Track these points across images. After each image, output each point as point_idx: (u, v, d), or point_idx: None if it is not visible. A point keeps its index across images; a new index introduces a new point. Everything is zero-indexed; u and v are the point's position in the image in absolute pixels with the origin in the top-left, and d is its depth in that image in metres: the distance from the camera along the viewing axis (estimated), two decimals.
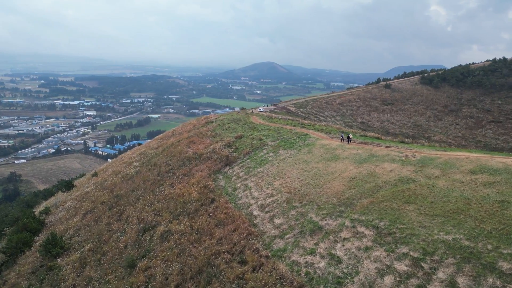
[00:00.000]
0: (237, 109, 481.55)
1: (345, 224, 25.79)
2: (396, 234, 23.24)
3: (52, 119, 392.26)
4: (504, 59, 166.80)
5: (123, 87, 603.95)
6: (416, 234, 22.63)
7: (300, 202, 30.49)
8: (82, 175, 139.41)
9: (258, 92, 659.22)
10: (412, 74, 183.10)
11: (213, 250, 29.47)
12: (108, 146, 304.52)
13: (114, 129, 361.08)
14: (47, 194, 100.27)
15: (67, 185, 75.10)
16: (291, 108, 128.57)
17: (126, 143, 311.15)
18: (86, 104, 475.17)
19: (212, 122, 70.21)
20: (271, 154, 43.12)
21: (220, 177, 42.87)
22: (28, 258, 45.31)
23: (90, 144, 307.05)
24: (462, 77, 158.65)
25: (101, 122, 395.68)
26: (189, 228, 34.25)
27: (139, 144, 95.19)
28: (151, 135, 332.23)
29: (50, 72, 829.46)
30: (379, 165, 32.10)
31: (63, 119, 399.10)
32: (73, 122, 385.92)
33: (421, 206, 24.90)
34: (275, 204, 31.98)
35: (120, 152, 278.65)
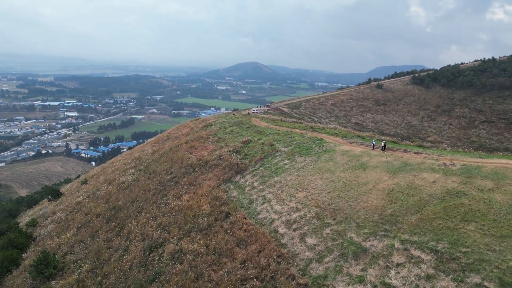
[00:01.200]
0: (223, 109, 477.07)
1: (395, 246, 22.61)
2: (461, 259, 20.16)
3: (31, 121, 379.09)
4: (493, 59, 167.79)
5: (105, 88, 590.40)
6: (486, 260, 19.61)
7: (334, 219, 27.19)
8: (68, 181, 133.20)
9: (243, 92, 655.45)
10: (403, 74, 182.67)
11: (238, 275, 25.92)
12: (92, 148, 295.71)
13: (97, 130, 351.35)
14: (31, 201, 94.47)
15: (55, 193, 70.11)
16: (285, 109, 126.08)
17: (110, 145, 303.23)
18: (67, 105, 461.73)
19: (211, 125, 66.39)
20: (286, 161, 39.73)
21: (232, 187, 39.24)
22: (17, 279, 40.76)
23: (73, 146, 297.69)
24: (452, 77, 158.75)
25: (83, 124, 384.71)
26: (205, 247, 30.54)
27: (130, 148, 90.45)
28: (135, 136, 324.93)
29: (29, 72, 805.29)
30: (418, 175, 29.08)
31: (43, 120, 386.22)
32: (53, 123, 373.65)
33: (483, 225, 21.93)
34: (303, 220, 28.60)
35: (104, 155, 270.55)
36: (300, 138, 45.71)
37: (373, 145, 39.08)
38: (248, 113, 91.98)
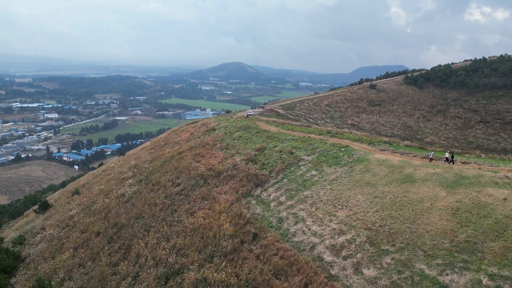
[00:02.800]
0: (208, 110, 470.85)
1: (483, 282, 18.81)
2: None
3: (9, 123, 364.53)
4: (484, 59, 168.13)
5: (86, 88, 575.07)
6: None
7: (392, 245, 23.27)
8: (52, 188, 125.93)
9: (228, 92, 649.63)
10: (394, 74, 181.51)
11: None
12: (74, 151, 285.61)
13: (79, 133, 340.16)
14: (15, 212, 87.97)
15: (42, 205, 64.22)
16: (279, 110, 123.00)
17: (93, 147, 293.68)
18: (46, 106, 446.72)
19: (214, 129, 61.80)
20: (313, 172, 35.68)
21: (253, 202, 34.96)
22: None
23: (54, 149, 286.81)
24: (445, 77, 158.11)
25: (65, 126, 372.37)
26: (234, 277, 26.20)
27: (122, 154, 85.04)
28: (120, 138, 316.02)
29: (5, 73, 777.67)
30: (481, 190, 25.46)
31: (21, 123, 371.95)
32: (33, 126, 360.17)
33: None
34: (353, 245, 24.60)
35: (88, 158, 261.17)
36: (321, 145, 41.75)
37: (431, 157, 33.90)
38: (247, 115, 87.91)
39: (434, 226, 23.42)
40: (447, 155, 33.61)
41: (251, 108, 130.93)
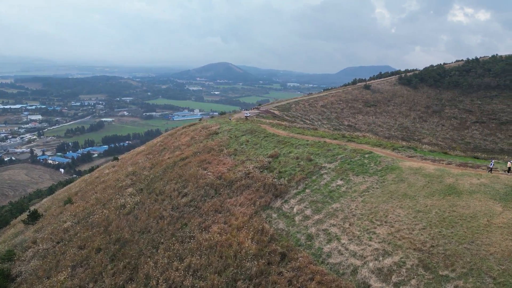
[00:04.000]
0: (197, 111, 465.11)
1: None
2: None
3: None
4: (477, 59, 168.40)
5: (71, 89, 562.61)
6: None
7: (452, 269, 20.40)
8: (39, 193, 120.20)
9: (216, 93, 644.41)
10: (388, 74, 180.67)
11: None
12: (59, 154, 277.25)
13: (65, 135, 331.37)
14: (0, 221, 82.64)
15: (32, 216, 59.82)
16: (275, 112, 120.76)
17: (79, 150, 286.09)
18: (30, 108, 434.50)
19: (217, 133, 58.41)
20: (339, 182, 32.71)
21: (274, 215, 31.79)
22: None
23: (38, 152, 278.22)
24: (439, 78, 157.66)
25: (49, 128, 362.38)
26: None
27: (115, 159, 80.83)
28: (107, 140, 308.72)
29: None
30: None
31: (4, 125, 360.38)
32: (16, 128, 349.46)
33: None
34: (403, 269, 21.65)
35: (74, 161, 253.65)
36: (341, 151, 38.84)
37: (491, 167, 30.46)
38: (246, 117, 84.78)
39: (498, 247, 20.66)
40: (510, 164, 29.90)
41: (246, 110, 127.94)
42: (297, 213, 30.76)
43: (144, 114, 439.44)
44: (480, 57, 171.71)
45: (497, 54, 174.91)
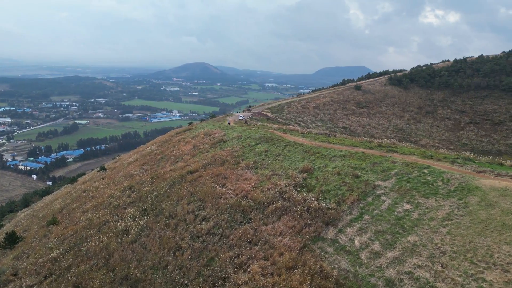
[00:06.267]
0: (175, 112, 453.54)
1: None
2: None
3: None
4: (465, 59, 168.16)
5: (41, 90, 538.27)
6: None
7: None
8: (11, 205, 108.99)
9: (194, 93, 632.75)
10: (376, 75, 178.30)
11: None
12: (31, 159, 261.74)
13: (36, 138, 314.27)
14: None
15: (10, 239, 51.29)
16: (268, 114, 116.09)
17: (52, 154, 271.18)
18: None
19: (225, 141, 51.79)
20: (406, 205, 26.87)
21: (329, 249, 25.63)
22: None
23: (8, 157, 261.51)
24: (429, 78, 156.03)
25: (19, 131, 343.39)
26: None
27: (102, 169, 72.56)
28: (82, 144, 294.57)
29: None
30: None
31: None
32: None
33: None
34: None
35: (47, 166, 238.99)
36: (391, 165, 33.09)
37: None
38: (246, 121, 78.70)
39: None
40: None
41: (238, 112, 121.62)
42: (361, 247, 24.70)
43: (120, 115, 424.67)
44: (468, 57, 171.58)
45: (482, 54, 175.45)
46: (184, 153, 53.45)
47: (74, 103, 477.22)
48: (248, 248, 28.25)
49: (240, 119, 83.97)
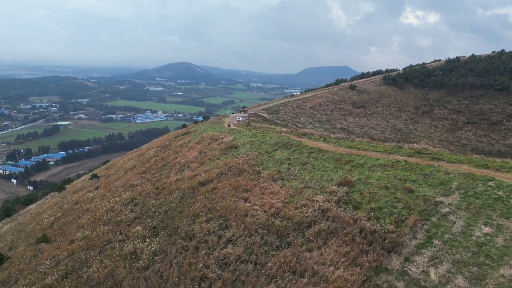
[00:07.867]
0: (160, 112, 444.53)
1: None
2: None
3: None
4: (458, 59, 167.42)
5: (19, 91, 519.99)
6: None
7: None
8: None
9: (179, 93, 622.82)
10: (369, 74, 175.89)
11: None
12: (10, 162, 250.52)
13: (15, 141, 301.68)
14: None
15: None
16: (265, 115, 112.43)
17: (33, 157, 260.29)
18: None
19: (236, 147, 46.88)
20: (485, 228, 22.59)
21: (399, 285, 21.14)
22: None
23: None
24: (424, 77, 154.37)
25: None
26: None
27: (94, 177, 66.41)
28: (64, 146, 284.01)
29: None
30: None
31: None
32: None
33: None
34: None
35: (28, 170, 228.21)
36: (446, 176, 28.81)
37: None
38: (248, 123, 74.20)
39: None
40: None
41: (233, 113, 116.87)
42: (440, 282, 20.26)
43: (103, 116, 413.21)
44: (461, 57, 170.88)
45: (474, 54, 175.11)
46: (190, 160, 48.31)
47: (54, 104, 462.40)
48: (293, 280, 23.52)
49: (238, 120, 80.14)
